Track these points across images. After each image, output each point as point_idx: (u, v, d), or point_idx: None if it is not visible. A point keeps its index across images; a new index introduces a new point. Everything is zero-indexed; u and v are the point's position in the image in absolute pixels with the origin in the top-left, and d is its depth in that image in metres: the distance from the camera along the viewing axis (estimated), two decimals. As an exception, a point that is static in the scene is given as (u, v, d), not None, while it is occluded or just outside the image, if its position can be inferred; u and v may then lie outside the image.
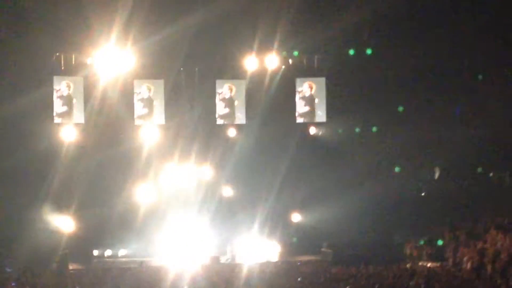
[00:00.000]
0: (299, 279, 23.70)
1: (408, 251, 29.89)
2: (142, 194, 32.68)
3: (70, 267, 29.45)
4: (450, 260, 27.17)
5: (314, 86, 34.19)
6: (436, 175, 34.86)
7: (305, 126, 34.74)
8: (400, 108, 34.56)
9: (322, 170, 33.71)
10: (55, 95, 32.17)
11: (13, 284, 24.05)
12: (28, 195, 30.53)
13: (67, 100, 32.30)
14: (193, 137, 33.58)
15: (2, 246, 28.48)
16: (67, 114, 32.33)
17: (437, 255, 28.74)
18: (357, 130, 35.07)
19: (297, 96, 34.20)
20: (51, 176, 31.18)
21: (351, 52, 34.19)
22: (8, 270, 27.47)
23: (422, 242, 30.09)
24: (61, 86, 32.27)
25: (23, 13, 30.88)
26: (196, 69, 33.64)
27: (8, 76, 31.06)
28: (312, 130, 34.82)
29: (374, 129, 34.97)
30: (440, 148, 33.55)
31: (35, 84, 31.17)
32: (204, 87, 33.65)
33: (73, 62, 32.13)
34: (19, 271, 26.49)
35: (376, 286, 21.44)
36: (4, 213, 30.05)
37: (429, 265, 27.37)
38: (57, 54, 31.89)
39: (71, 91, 32.25)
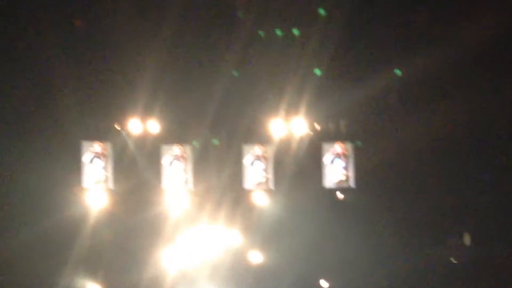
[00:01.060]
0: None
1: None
2: (170, 259, 32.55)
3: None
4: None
5: (342, 151, 34.17)
6: (466, 241, 34.46)
7: (333, 191, 34.60)
8: None
9: (350, 236, 33.45)
10: (83, 160, 32.38)
11: None
12: (57, 261, 30.50)
13: (96, 165, 32.48)
14: (220, 202, 33.55)
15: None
16: (96, 179, 32.48)
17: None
18: (385, 195, 34.80)
19: (325, 161, 34.16)
20: (77, 243, 31.15)
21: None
22: None
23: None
24: (90, 151, 32.49)
25: (51, 79, 31.36)
26: (223, 133, 33.81)
27: (37, 142, 31.39)
28: (340, 195, 34.66)
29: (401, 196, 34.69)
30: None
31: (63, 149, 31.41)
32: (231, 151, 33.76)
33: (101, 128, 32.42)
34: None
35: None
36: (34, 279, 29.99)
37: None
38: (85, 119, 32.23)
39: (99, 156, 32.46)
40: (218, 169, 33.86)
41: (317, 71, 32.93)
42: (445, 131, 32.77)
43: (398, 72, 33.03)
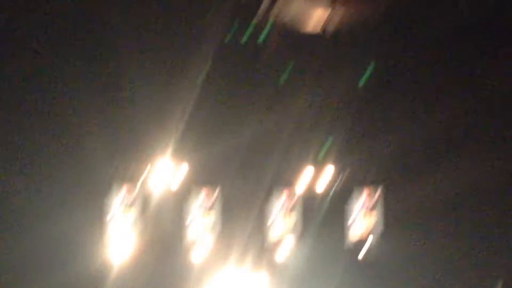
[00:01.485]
0: None
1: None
2: (197, 308, 32.02)
3: None
4: None
5: (370, 197, 33.79)
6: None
7: (360, 243, 34.07)
8: None
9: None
10: (111, 205, 32.07)
11: None
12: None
13: (123, 210, 32.15)
14: (247, 248, 33.06)
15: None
16: (124, 224, 32.12)
17: None
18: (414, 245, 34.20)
19: (354, 208, 33.74)
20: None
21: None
22: None
23: None
24: (117, 197, 32.22)
25: (77, 123, 31.26)
26: (251, 178, 33.50)
27: (63, 191, 31.14)
28: (368, 241, 34.09)
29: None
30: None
31: (91, 197, 31.16)
32: (259, 197, 33.42)
33: (129, 172, 32.19)
34: None
35: None
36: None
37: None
38: (114, 165, 32.02)
39: (127, 202, 32.18)
40: (245, 214, 33.49)
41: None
42: (484, 179, 32.50)
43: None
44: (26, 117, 31.08)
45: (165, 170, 32.01)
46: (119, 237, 32.08)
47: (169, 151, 31.58)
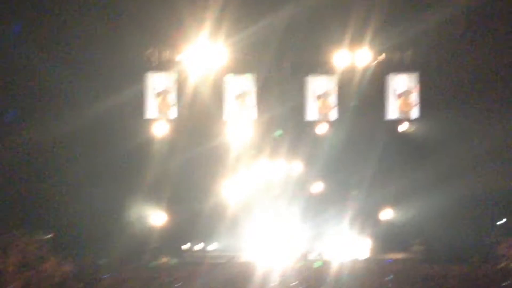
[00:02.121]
0: (388, 277, 23.47)
1: (501, 251, 29.26)
2: (231, 189, 32.84)
3: (161, 261, 29.95)
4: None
5: (406, 82, 33.71)
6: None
7: (397, 122, 34.27)
8: None
9: (413, 166, 33.26)
10: (147, 91, 32.47)
11: (104, 276, 24.50)
12: (121, 191, 30.94)
13: (160, 96, 32.58)
14: (284, 132, 33.49)
15: (95, 239, 28.99)
16: (160, 110, 32.59)
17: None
18: (451, 126, 34.27)
19: (389, 92, 33.76)
20: (143, 172, 31.52)
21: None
22: (100, 262, 28.01)
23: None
24: (154, 82, 32.53)
25: (115, 10, 31.31)
26: (287, 64, 33.55)
27: (101, 73, 31.56)
28: (404, 126, 34.28)
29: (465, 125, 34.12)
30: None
31: (127, 81, 31.51)
32: (295, 82, 33.54)
33: (165, 58, 32.40)
34: (111, 263, 27.06)
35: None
36: (97, 208, 30.56)
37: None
38: (149, 50, 32.21)
39: (163, 87, 32.53)
40: (282, 100, 33.74)
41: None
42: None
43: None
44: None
45: (202, 55, 32.05)
46: (157, 119, 32.56)
47: (204, 38, 31.58)
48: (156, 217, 31.48)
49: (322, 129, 33.82)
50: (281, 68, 33.59)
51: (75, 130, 31.32)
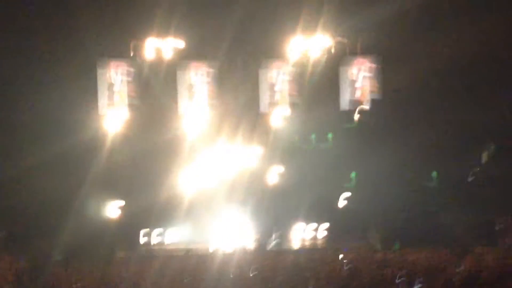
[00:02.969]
0: (346, 266, 23.49)
1: (460, 234, 29.48)
2: (187, 180, 32.68)
3: (117, 255, 29.69)
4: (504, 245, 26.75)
5: (361, 66, 33.68)
6: (485, 159, 34.33)
7: (354, 108, 34.29)
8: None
9: (370, 153, 33.42)
10: (99, 82, 32.18)
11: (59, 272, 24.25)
12: (74, 184, 30.63)
13: (112, 87, 32.32)
14: (238, 123, 33.40)
15: (50, 235, 28.65)
16: (112, 101, 32.34)
17: (491, 239, 28.31)
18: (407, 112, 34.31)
19: (344, 77, 33.72)
20: (97, 164, 31.22)
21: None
22: (58, 257, 27.72)
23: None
24: (106, 73, 32.25)
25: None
26: (241, 53, 33.42)
27: (53, 63, 31.19)
28: (361, 112, 34.33)
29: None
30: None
31: (80, 72, 31.18)
32: (249, 71, 33.44)
33: (118, 49, 32.14)
34: (67, 259, 26.77)
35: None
36: (51, 202, 30.22)
37: (480, 250, 26.94)
38: (103, 41, 31.86)
39: (115, 78, 32.26)
40: (236, 90, 33.66)
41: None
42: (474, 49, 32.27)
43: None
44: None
45: (156, 46, 31.84)
46: (109, 114, 32.40)
47: (158, 26, 31.32)
48: (111, 210, 31.21)
49: (277, 117, 33.85)
50: (234, 58, 33.46)
51: (26, 122, 30.98)
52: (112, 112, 32.34)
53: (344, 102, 33.98)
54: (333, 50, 33.77)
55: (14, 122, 31.09)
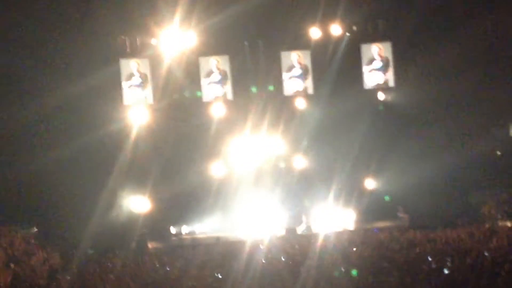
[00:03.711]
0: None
1: (486, 211, 29.44)
2: (214, 169, 32.82)
3: (149, 246, 29.95)
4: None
5: (380, 52, 33.66)
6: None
7: (374, 92, 34.28)
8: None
9: (394, 136, 33.43)
10: (122, 77, 32.30)
11: (92, 266, 24.52)
12: (103, 178, 30.76)
13: (135, 82, 32.46)
14: (263, 111, 33.45)
15: (81, 230, 28.93)
16: (135, 95, 32.47)
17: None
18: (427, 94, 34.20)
19: (363, 63, 33.73)
20: (124, 158, 31.37)
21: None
22: (90, 251, 27.99)
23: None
24: (128, 68, 32.36)
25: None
26: (260, 41, 33.44)
27: (74, 59, 31.33)
28: (381, 96, 34.31)
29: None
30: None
31: (101, 67, 31.28)
32: (269, 60, 33.47)
33: (138, 44, 32.24)
34: (101, 252, 27.05)
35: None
36: (82, 197, 30.44)
37: (509, 224, 26.92)
38: (122, 36, 32.00)
39: (138, 73, 32.39)
40: (257, 78, 33.71)
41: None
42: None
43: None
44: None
45: (175, 39, 31.87)
46: (133, 105, 32.38)
47: (176, 21, 31.40)
48: (141, 203, 31.42)
49: (301, 103, 33.89)
50: (254, 46, 33.47)
51: (49, 118, 31.17)
52: (138, 105, 32.32)
53: (366, 83, 33.84)
54: (350, 35, 33.73)
55: (45, 117, 31.27)
